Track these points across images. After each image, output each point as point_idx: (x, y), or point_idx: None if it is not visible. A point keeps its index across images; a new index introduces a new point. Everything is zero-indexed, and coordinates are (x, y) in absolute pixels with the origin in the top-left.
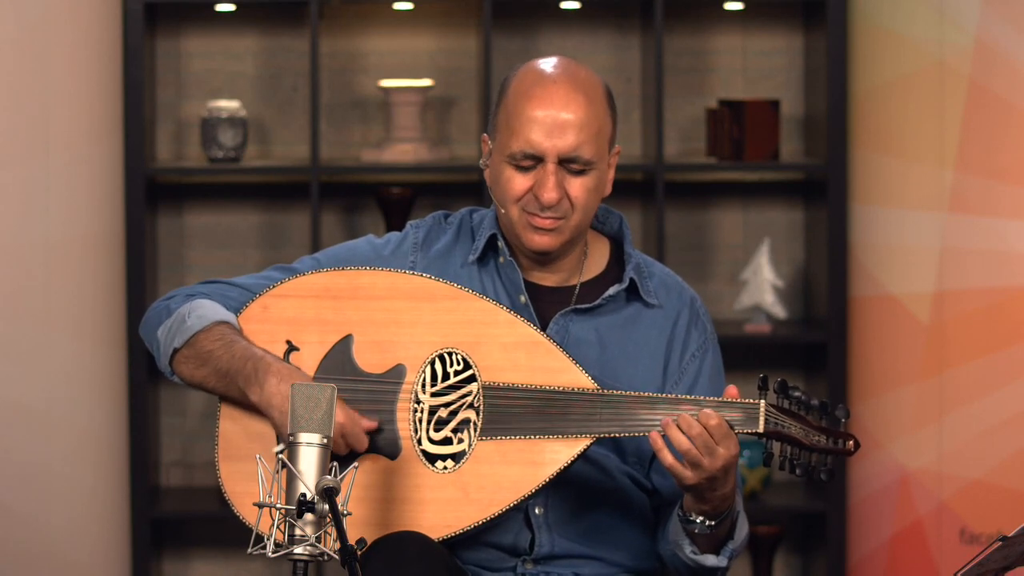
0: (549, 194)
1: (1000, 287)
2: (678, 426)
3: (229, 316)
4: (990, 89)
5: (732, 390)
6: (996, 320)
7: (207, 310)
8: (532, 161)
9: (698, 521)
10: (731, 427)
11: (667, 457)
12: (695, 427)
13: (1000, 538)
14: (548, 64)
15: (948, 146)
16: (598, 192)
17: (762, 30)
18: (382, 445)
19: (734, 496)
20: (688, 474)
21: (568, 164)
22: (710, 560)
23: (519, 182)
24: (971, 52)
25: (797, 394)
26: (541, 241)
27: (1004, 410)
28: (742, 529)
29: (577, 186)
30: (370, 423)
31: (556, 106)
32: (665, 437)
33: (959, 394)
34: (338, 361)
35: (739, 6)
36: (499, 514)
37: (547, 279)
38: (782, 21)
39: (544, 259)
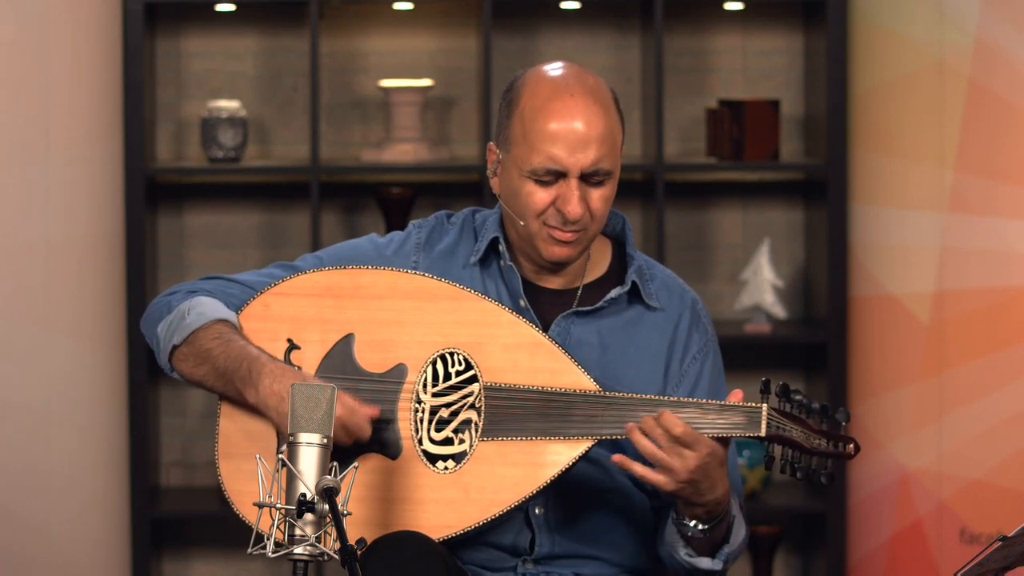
0: (575, 210)
1: (1000, 287)
2: (641, 430)
3: (229, 314)
4: (990, 89)
5: (738, 394)
6: (996, 320)
7: (207, 307)
8: (553, 176)
9: (691, 524)
10: (730, 433)
11: (636, 468)
12: (656, 429)
13: (1000, 538)
14: (559, 73)
15: (948, 146)
16: (613, 199)
17: (762, 30)
18: (383, 445)
19: (727, 500)
20: (662, 479)
21: (589, 177)
22: (704, 563)
23: (540, 197)
24: (971, 52)
25: (799, 397)
26: (561, 253)
27: (1004, 410)
28: (739, 533)
29: (596, 198)
30: (372, 410)
31: (577, 120)
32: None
33: (959, 394)
34: (339, 360)
35: (739, 6)
36: (500, 515)
37: (550, 281)
38: (782, 21)
39: (558, 268)
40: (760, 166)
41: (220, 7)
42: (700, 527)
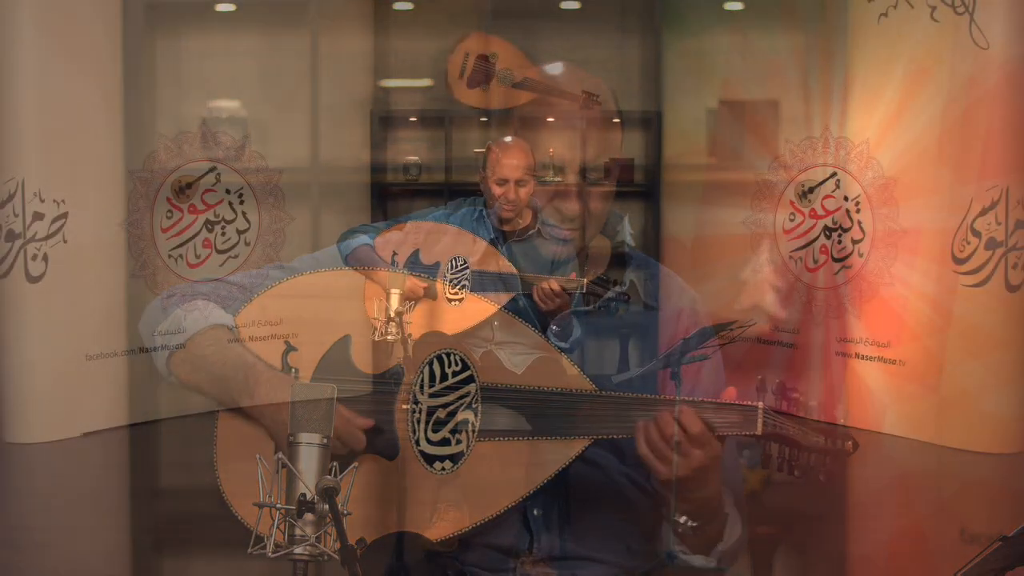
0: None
1: (1000, 287)
2: (656, 422)
3: (226, 318)
4: (990, 89)
5: (731, 392)
6: (998, 320)
7: (204, 312)
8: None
9: (681, 520)
10: (712, 429)
11: (641, 447)
12: (670, 427)
13: (1000, 538)
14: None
15: (948, 146)
16: (604, 202)
17: (762, 30)
18: (381, 446)
19: (719, 500)
20: (660, 468)
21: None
22: (697, 561)
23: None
24: (972, 52)
25: (795, 395)
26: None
27: (1004, 410)
28: (733, 532)
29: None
30: (366, 421)
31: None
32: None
33: (959, 394)
34: (336, 361)
35: (739, 6)
36: (497, 515)
37: (548, 281)
38: (782, 21)
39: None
40: (760, 166)
41: (220, 7)
42: (690, 523)
